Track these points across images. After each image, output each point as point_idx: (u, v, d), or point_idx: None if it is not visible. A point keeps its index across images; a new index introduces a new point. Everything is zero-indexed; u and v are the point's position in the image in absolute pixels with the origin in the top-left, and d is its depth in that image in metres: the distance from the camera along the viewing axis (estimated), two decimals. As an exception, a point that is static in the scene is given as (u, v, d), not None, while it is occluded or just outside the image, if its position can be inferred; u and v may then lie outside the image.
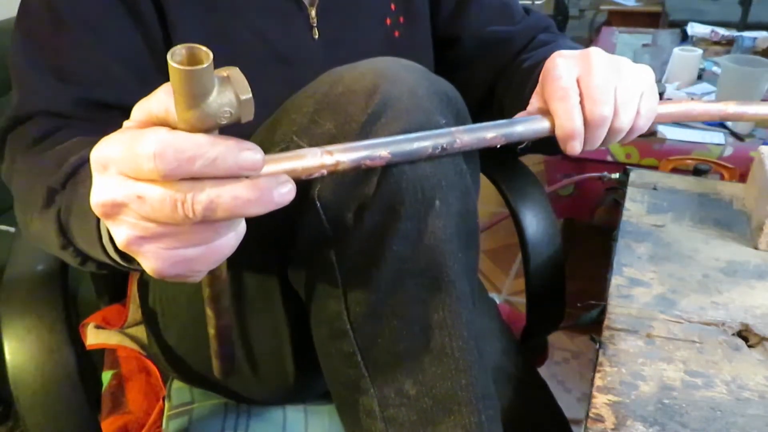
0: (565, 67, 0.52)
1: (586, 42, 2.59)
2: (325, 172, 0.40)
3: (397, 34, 0.71)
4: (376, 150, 0.42)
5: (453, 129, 0.46)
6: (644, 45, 1.86)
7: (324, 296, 0.49)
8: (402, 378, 0.48)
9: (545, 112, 0.52)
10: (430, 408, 0.48)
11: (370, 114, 0.45)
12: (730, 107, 0.60)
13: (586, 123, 0.51)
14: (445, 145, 0.45)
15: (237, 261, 0.55)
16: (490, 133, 0.47)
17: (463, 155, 0.51)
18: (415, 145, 0.43)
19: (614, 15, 2.74)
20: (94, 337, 0.76)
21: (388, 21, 0.71)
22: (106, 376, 0.75)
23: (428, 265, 0.47)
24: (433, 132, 0.45)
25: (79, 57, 0.55)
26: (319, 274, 0.49)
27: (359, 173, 0.45)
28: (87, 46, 0.55)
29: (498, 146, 0.48)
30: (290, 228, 0.50)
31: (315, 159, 0.39)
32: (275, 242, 0.52)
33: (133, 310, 0.79)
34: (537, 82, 0.61)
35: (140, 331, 0.77)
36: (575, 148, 0.52)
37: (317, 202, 0.46)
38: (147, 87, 0.57)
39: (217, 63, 0.61)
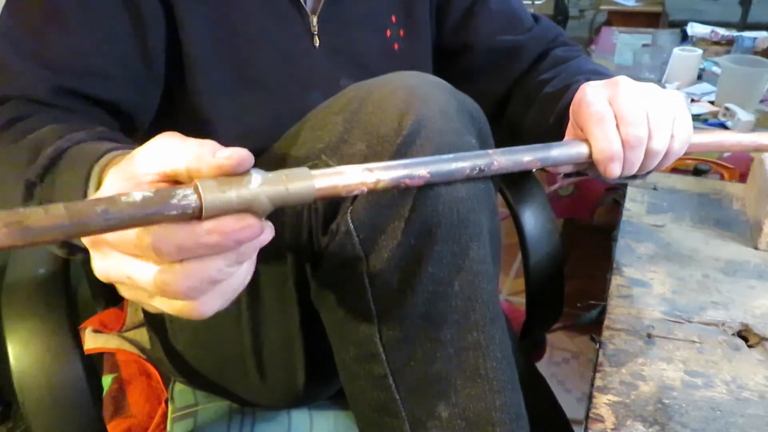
0: (595, 94, 0.53)
1: (587, 42, 2.60)
2: (365, 189, 0.40)
3: (396, 46, 0.71)
4: (416, 169, 0.42)
5: (490, 151, 0.46)
6: (644, 45, 1.85)
7: (354, 318, 0.48)
8: (434, 400, 0.47)
9: (581, 139, 0.53)
10: (463, 430, 0.47)
11: (405, 136, 0.45)
12: (764, 138, 0.60)
13: (622, 145, 0.52)
14: (482, 167, 0.45)
15: (256, 276, 0.56)
16: (527, 156, 0.48)
17: None
18: (454, 166, 0.44)
19: (614, 15, 2.74)
20: (92, 341, 0.76)
21: (388, 33, 0.71)
22: (107, 380, 0.75)
23: (463, 286, 0.47)
24: (471, 153, 0.45)
25: (65, 46, 0.53)
26: (350, 296, 0.48)
27: (394, 195, 0.45)
28: (76, 38, 0.54)
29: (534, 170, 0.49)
30: (312, 246, 0.50)
31: (356, 176, 0.39)
32: (297, 260, 0.52)
33: (131, 314, 0.79)
34: (565, 114, 0.61)
35: (139, 335, 0.77)
36: (615, 170, 0.52)
37: (350, 224, 0.46)
38: (136, 88, 0.57)
39: (226, 60, 0.61)
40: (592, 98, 0.53)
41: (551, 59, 0.74)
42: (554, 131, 0.62)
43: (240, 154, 0.34)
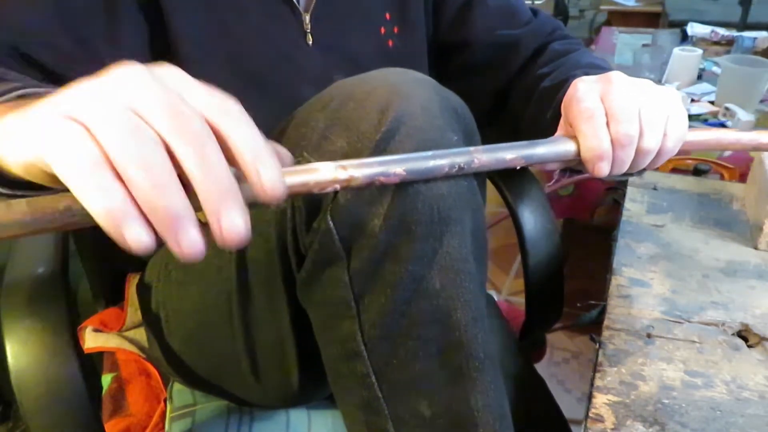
0: (587, 90, 0.52)
1: (587, 42, 2.60)
2: (338, 187, 0.39)
3: (390, 43, 0.71)
4: (391, 167, 0.41)
5: (471, 148, 0.45)
6: (644, 45, 1.86)
7: (336, 316, 0.48)
8: (417, 399, 0.47)
9: (570, 136, 0.52)
10: (445, 429, 0.47)
11: (384, 132, 0.44)
12: (764, 137, 0.58)
13: (612, 143, 0.51)
14: (462, 165, 0.44)
15: (245, 275, 0.56)
16: (510, 154, 0.46)
17: None
18: (432, 164, 0.43)
19: (614, 15, 2.74)
20: (92, 340, 0.76)
21: (383, 30, 0.71)
22: (106, 380, 0.75)
23: (444, 285, 0.46)
24: (450, 151, 0.44)
25: (28, 13, 0.53)
26: (331, 295, 0.48)
27: (374, 193, 0.45)
28: (39, 8, 0.53)
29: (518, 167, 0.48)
30: (297, 245, 0.50)
31: (328, 173, 0.39)
32: (284, 259, 0.52)
33: (131, 313, 0.79)
34: (560, 108, 0.60)
35: (139, 334, 0.77)
36: (603, 169, 0.51)
37: (330, 221, 0.45)
38: (97, 70, 0.57)
39: (220, 60, 0.61)
40: (583, 94, 0.52)
41: (549, 53, 0.74)
42: (552, 126, 0.62)
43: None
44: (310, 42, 0.66)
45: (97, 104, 0.30)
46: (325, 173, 0.39)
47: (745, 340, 0.59)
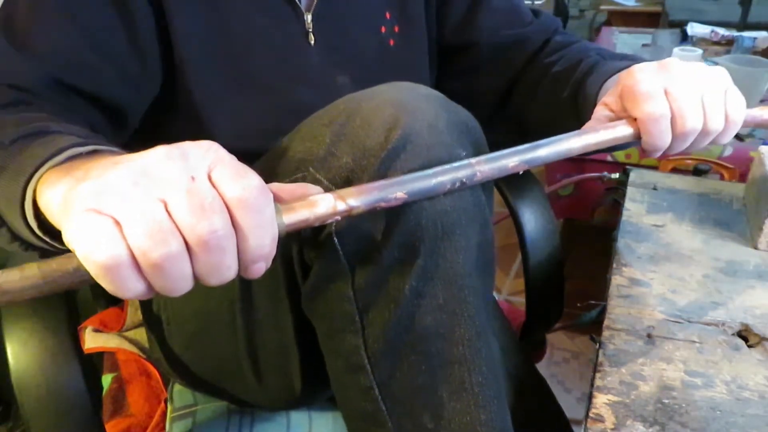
0: (652, 84, 0.52)
1: (586, 42, 2.59)
2: (338, 218, 0.39)
3: (391, 42, 0.71)
4: (391, 191, 0.41)
5: (473, 160, 0.44)
6: (644, 45, 1.85)
7: (340, 330, 0.49)
8: (420, 412, 0.47)
9: (630, 121, 0.53)
10: None
11: (390, 150, 0.44)
12: None
13: (674, 137, 0.52)
14: (464, 180, 0.43)
15: (249, 284, 0.56)
16: (512, 161, 0.46)
17: None
18: (433, 182, 0.42)
19: (614, 15, 2.73)
20: (92, 340, 0.76)
21: (383, 29, 0.71)
22: (107, 380, 0.75)
23: (447, 300, 0.47)
24: (451, 166, 0.43)
25: (52, 38, 0.53)
26: (336, 308, 0.48)
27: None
28: (62, 30, 0.53)
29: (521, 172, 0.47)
30: (302, 257, 0.50)
31: (327, 206, 0.39)
32: (288, 270, 0.52)
33: (132, 313, 0.79)
34: (579, 87, 0.61)
35: (139, 334, 0.77)
36: (658, 156, 0.54)
37: (334, 238, 0.46)
38: (127, 83, 0.57)
39: (218, 57, 0.61)
40: (649, 89, 0.51)
41: (552, 46, 0.75)
42: (568, 105, 0.61)
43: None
44: (312, 42, 0.65)
45: (128, 203, 0.33)
46: (324, 206, 0.39)
47: (745, 340, 0.59)
